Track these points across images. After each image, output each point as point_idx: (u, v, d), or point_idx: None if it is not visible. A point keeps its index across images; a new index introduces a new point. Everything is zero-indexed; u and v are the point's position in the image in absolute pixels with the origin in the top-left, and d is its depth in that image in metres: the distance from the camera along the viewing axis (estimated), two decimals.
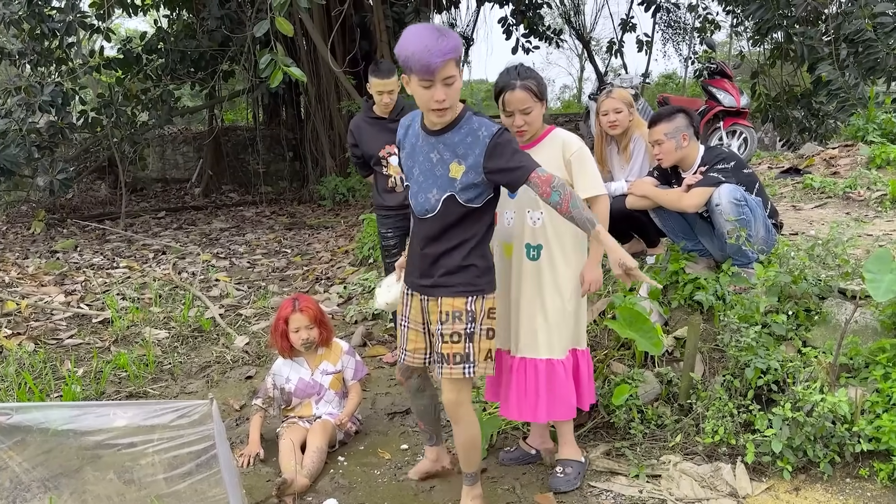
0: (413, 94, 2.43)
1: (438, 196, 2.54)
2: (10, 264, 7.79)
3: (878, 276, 2.59)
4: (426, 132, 2.54)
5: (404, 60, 2.34)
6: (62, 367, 4.58)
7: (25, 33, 9.85)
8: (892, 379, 2.66)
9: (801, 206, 5.06)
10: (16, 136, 9.36)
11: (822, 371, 2.77)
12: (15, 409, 2.86)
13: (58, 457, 2.89)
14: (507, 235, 2.93)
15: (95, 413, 2.91)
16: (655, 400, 3.31)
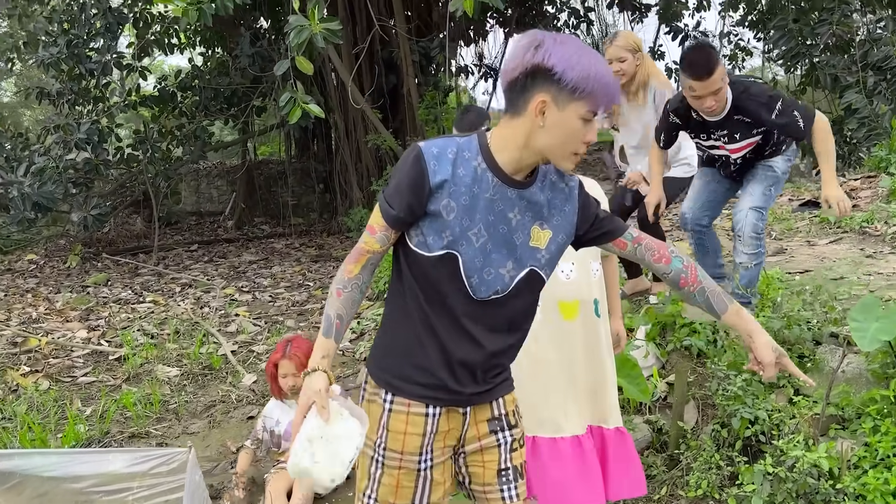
0: (550, 128, 1.68)
1: (515, 272, 1.83)
2: (42, 299, 7.98)
3: (863, 324, 2.48)
4: (504, 182, 1.78)
5: (581, 79, 1.64)
6: (72, 407, 4.65)
7: (65, 74, 10.18)
8: (881, 432, 2.54)
9: (816, 242, 4.92)
10: (52, 173, 9.64)
11: (805, 424, 2.65)
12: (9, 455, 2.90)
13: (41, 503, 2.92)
14: (567, 293, 2.48)
15: (79, 461, 2.94)
16: (647, 448, 3.21)
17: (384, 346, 1.93)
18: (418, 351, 1.84)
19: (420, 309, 1.82)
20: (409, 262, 1.82)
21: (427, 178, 1.73)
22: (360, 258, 1.84)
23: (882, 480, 2.38)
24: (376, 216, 1.81)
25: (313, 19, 5.62)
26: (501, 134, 1.75)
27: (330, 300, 1.82)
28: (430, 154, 1.75)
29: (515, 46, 1.72)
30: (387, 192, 1.80)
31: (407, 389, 1.87)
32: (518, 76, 1.68)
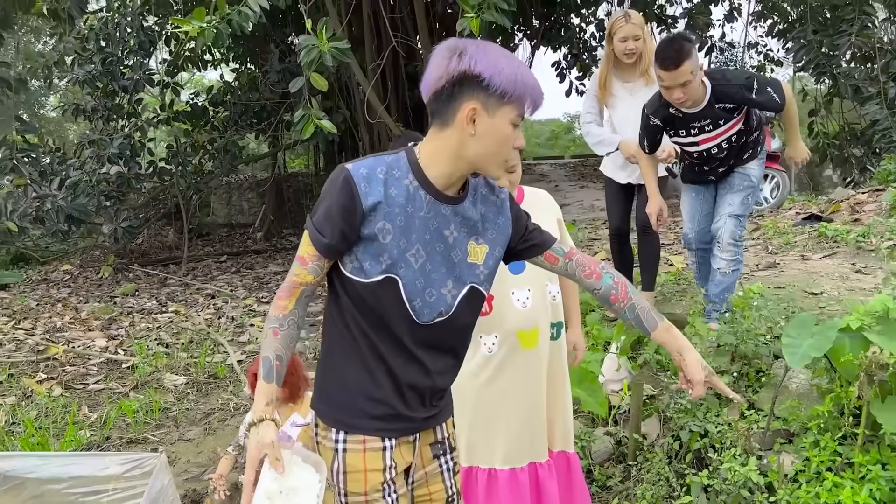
0: (482, 136, 1.65)
1: (457, 291, 1.79)
2: (70, 308, 8.31)
3: (797, 340, 2.51)
4: (437, 198, 1.73)
5: (509, 84, 1.62)
6: (79, 413, 4.86)
7: (99, 91, 10.57)
8: (820, 447, 2.56)
9: (810, 257, 4.91)
10: (86, 186, 10.01)
11: (742, 437, 2.68)
12: None
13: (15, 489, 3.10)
14: (525, 321, 2.40)
15: (57, 463, 3.12)
16: (608, 459, 3.27)
17: (332, 382, 1.81)
18: (369, 382, 1.76)
19: (364, 337, 1.74)
20: (346, 290, 1.74)
21: (359, 202, 1.66)
22: (293, 292, 1.74)
23: (813, 494, 2.41)
24: (306, 245, 1.72)
25: (321, 38, 5.79)
26: (431, 147, 1.71)
27: (267, 341, 1.72)
28: (359, 176, 1.67)
29: (437, 55, 1.68)
30: (315, 218, 1.70)
31: (362, 425, 1.77)
32: (444, 85, 1.64)
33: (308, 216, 1.73)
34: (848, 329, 2.50)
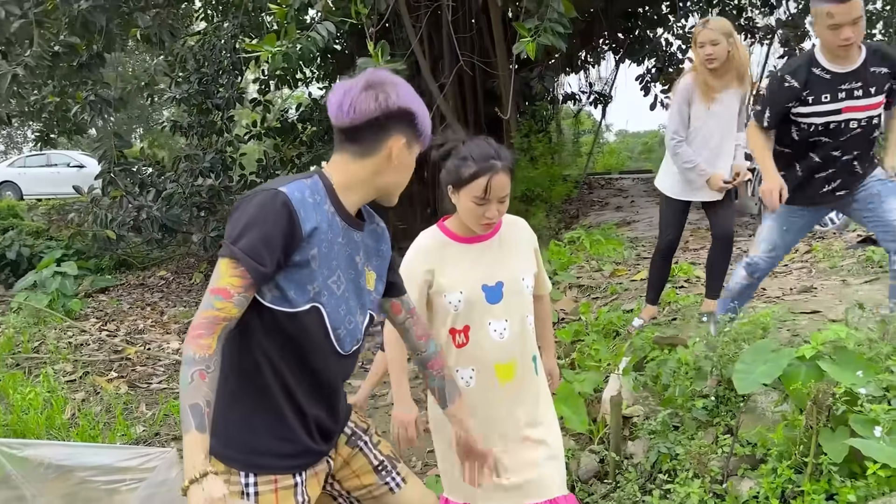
0: (399, 167, 1.74)
1: (362, 318, 1.82)
2: (157, 312, 8.94)
3: (750, 366, 2.52)
4: (350, 225, 1.76)
5: (425, 121, 1.76)
6: (137, 410, 5.29)
7: (194, 108, 11.29)
8: (776, 474, 2.56)
9: (851, 282, 4.77)
10: (180, 198, 10.73)
11: (695, 461, 2.70)
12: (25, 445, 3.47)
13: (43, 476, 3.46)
14: (502, 353, 2.26)
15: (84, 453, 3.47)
16: (593, 476, 3.33)
17: (235, 423, 1.71)
18: (277, 421, 1.71)
19: (274, 372, 1.69)
20: (262, 321, 1.65)
21: (299, 228, 1.61)
22: (216, 329, 1.53)
23: None
24: (228, 277, 1.56)
25: (377, 59, 6.07)
26: (347, 174, 1.72)
27: (193, 386, 1.46)
28: (296, 200, 1.61)
29: (356, 89, 1.69)
30: (247, 246, 1.56)
31: (273, 465, 1.71)
32: (378, 118, 1.67)
33: (227, 245, 1.59)
34: (804, 358, 2.50)
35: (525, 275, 2.31)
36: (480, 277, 2.25)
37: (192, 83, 11.02)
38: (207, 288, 1.57)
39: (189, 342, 1.52)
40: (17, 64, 7.98)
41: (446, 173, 2.16)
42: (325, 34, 6.43)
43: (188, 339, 1.52)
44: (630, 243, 7.37)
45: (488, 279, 2.26)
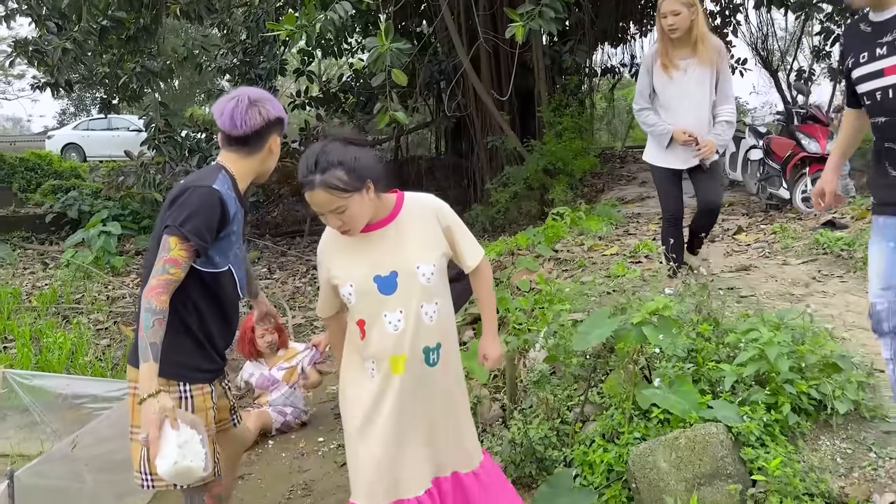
0: (274, 155, 2.56)
1: (242, 271, 2.69)
2: None
3: (589, 329, 3.10)
4: (243, 206, 2.56)
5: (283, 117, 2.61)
6: None
7: (239, 78, 12.14)
8: (611, 419, 3.15)
9: (791, 262, 5.23)
10: None
11: (543, 406, 3.32)
12: (33, 376, 4.35)
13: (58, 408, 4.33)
14: (396, 345, 2.30)
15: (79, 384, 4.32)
16: (500, 420, 3.98)
17: (175, 350, 2.30)
18: (200, 347, 2.44)
19: (199, 314, 2.41)
20: (193, 280, 2.35)
21: (227, 214, 2.37)
22: (169, 288, 2.22)
23: (581, 452, 3.03)
24: (178, 251, 2.25)
25: (382, 40, 6.70)
26: (240, 169, 2.49)
27: (152, 330, 2.15)
28: (224, 194, 2.37)
29: (246, 108, 2.42)
30: (193, 229, 2.26)
31: (200, 377, 2.44)
32: (263, 126, 2.45)
33: (176, 227, 2.25)
34: (634, 323, 3.08)
35: (421, 262, 2.30)
36: (371, 268, 2.29)
37: (237, 53, 11.86)
38: (159, 258, 2.25)
39: (151, 297, 2.20)
40: (66, 38, 8.93)
41: None
42: (343, 14, 7.08)
43: (150, 294, 2.20)
44: (626, 219, 7.85)
45: (381, 269, 2.29)
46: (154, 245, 2.37)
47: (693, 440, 2.65)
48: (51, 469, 3.09)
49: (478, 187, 13.28)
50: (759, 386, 2.85)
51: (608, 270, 5.35)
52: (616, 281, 5.31)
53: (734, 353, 2.98)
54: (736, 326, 3.10)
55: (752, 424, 2.66)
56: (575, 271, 6.05)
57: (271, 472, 4.08)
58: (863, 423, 2.82)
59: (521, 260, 6.12)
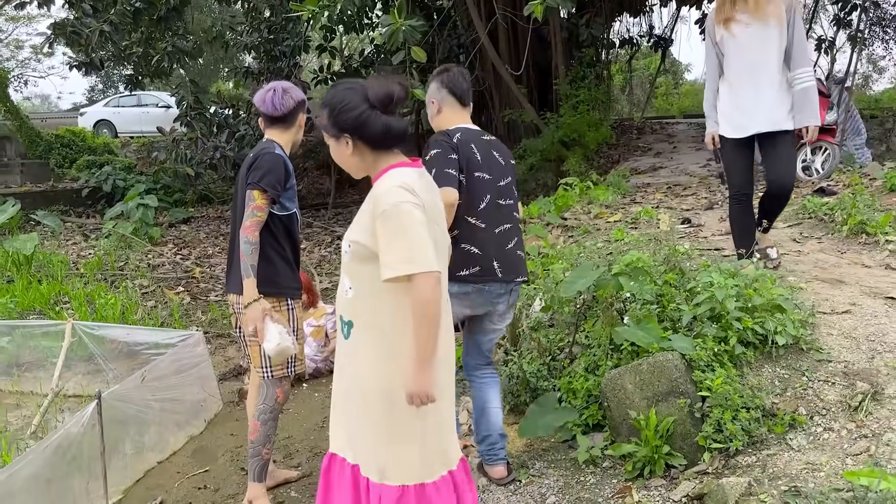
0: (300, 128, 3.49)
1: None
2: (227, 241, 10.61)
3: (574, 279, 3.73)
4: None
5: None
6: (194, 315, 6.90)
7: (264, 55, 12.78)
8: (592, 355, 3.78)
9: (777, 226, 5.80)
10: (251, 139, 12.32)
11: (535, 343, 3.96)
12: (98, 327, 5.06)
13: (118, 356, 5.05)
14: (340, 309, 2.39)
15: (138, 334, 5.04)
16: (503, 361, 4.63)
17: (277, 274, 3.31)
18: (290, 270, 3.38)
19: (280, 245, 3.32)
20: (273, 220, 3.27)
21: (289, 171, 3.35)
22: (258, 226, 3.17)
23: (567, 382, 3.67)
24: (261, 199, 3.16)
25: (395, 18, 7.27)
26: (284, 141, 3.45)
27: (250, 256, 3.09)
28: (285, 156, 3.36)
29: (281, 95, 3.39)
30: (268, 183, 3.17)
31: (295, 293, 3.41)
32: (294, 107, 3.43)
33: (256, 183, 3.16)
34: (613, 274, 3.70)
35: (349, 238, 2.29)
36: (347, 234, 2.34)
37: (262, 31, 12.49)
38: (248, 206, 3.16)
39: (248, 233, 3.13)
40: (103, 21, 9.62)
41: None
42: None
43: (246, 232, 3.12)
44: (634, 189, 8.42)
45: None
46: (240, 199, 3.32)
47: (653, 365, 3.28)
48: (127, 395, 3.79)
49: None
50: (712, 322, 3.47)
51: (609, 235, 5.95)
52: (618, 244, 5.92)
53: (693, 297, 3.60)
54: (697, 275, 3.72)
55: (702, 353, 3.29)
56: (580, 237, 6.67)
57: (306, 407, 4.78)
58: (801, 355, 3.43)
59: (531, 227, 6.74)
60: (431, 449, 2.34)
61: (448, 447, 2.41)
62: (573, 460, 3.42)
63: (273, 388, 3.40)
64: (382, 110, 2.26)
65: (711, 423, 3.12)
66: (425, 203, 2.24)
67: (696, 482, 2.99)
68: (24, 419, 4.76)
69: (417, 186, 2.24)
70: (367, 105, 2.26)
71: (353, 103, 2.26)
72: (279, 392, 3.41)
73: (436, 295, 2.15)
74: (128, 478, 3.81)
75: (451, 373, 2.44)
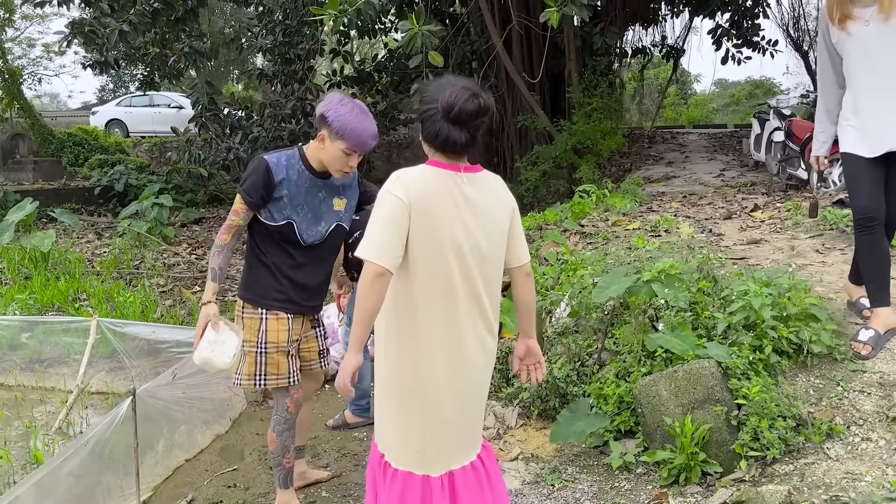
0: (326, 151, 2.99)
1: (327, 226, 3.18)
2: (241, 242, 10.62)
3: (606, 285, 3.73)
4: (315, 176, 3.12)
5: (340, 128, 2.91)
6: None
7: (278, 58, 12.79)
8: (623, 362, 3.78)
9: (800, 237, 5.80)
10: (264, 141, 12.33)
11: (565, 349, 3.96)
12: (122, 324, 5.07)
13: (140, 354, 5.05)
14: None
15: (163, 331, 5.04)
16: None
17: (253, 281, 3.17)
18: (272, 280, 3.13)
19: (268, 255, 3.13)
20: (260, 228, 3.11)
21: (272, 178, 3.04)
22: (231, 231, 3.06)
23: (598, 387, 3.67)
24: (239, 204, 3.04)
25: (413, 23, 7.28)
26: (309, 149, 3.15)
27: (214, 258, 3.05)
28: (272, 162, 3.07)
29: (322, 101, 3.08)
30: (245, 188, 3.02)
31: (272, 304, 3.14)
32: (318, 116, 3.05)
33: (238, 186, 3.08)
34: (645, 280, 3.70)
35: None
36: None
37: (276, 34, 12.50)
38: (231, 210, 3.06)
39: (218, 236, 3.07)
40: (123, 21, 9.64)
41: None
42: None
43: (218, 235, 3.06)
44: (650, 197, 8.43)
45: None
46: None
47: (689, 372, 3.28)
48: (159, 391, 3.79)
49: (507, 165, 13.87)
50: (747, 331, 3.47)
51: (629, 243, 5.96)
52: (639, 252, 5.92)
53: (728, 305, 3.60)
54: (731, 283, 3.72)
55: (738, 361, 3.29)
56: (599, 244, 6.67)
57: (329, 408, 4.78)
58: (834, 364, 3.43)
59: (548, 234, 6.75)
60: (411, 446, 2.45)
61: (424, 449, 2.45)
62: (605, 466, 3.42)
63: (283, 399, 3.29)
64: (444, 116, 2.29)
65: (748, 430, 3.11)
66: (414, 202, 2.26)
67: (733, 489, 2.99)
68: (48, 415, 4.76)
69: (415, 184, 2.30)
70: (435, 106, 2.31)
71: (429, 98, 2.34)
72: (289, 402, 3.29)
73: (370, 287, 2.21)
74: (157, 475, 3.81)
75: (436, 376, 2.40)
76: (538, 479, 3.43)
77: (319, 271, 3.28)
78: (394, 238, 2.24)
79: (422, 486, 2.42)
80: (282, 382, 3.21)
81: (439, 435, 2.45)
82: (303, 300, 3.21)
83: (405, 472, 2.43)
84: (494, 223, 2.47)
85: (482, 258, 2.43)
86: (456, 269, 2.37)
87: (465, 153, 2.38)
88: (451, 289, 2.37)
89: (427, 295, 2.35)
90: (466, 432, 2.53)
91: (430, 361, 2.39)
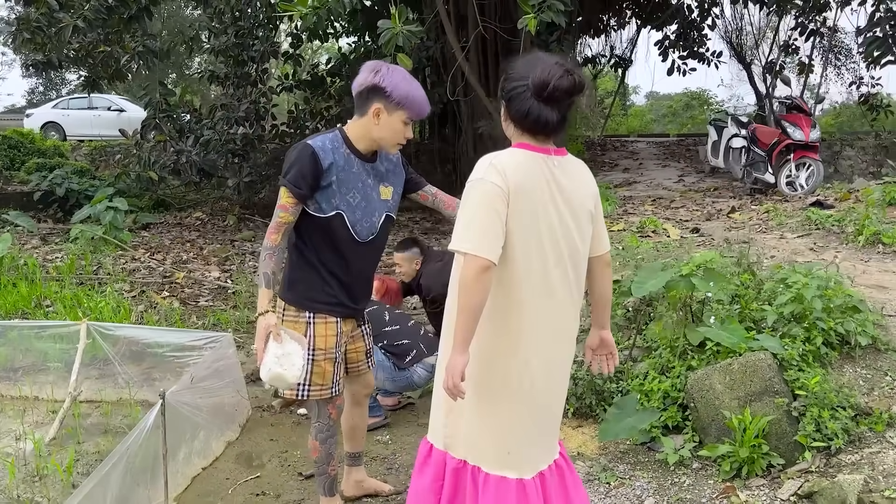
0: (382, 126, 2.66)
1: (378, 218, 2.82)
2: (196, 247, 10.23)
3: (644, 280, 3.67)
4: (362, 160, 2.76)
5: (402, 97, 2.61)
6: (189, 320, 6.58)
7: (231, 59, 12.41)
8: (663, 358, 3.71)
9: (787, 236, 5.88)
10: (217, 144, 11.94)
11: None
12: (115, 328, 4.75)
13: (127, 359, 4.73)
14: None
15: (158, 334, 4.75)
16: None
17: (300, 282, 2.81)
18: (322, 281, 2.79)
19: (317, 253, 2.77)
20: (308, 222, 2.73)
21: (320, 164, 2.66)
22: (280, 230, 2.67)
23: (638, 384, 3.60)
24: (286, 198, 2.66)
25: (395, 22, 7.13)
26: (353, 130, 2.76)
27: (264, 262, 2.64)
28: (317, 147, 2.67)
29: (362, 71, 2.69)
30: (291, 179, 2.65)
31: (321, 308, 2.81)
32: (363, 90, 2.67)
33: (282, 179, 2.68)
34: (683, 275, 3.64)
35: None
36: None
37: (229, 35, 12.14)
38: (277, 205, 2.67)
39: (267, 237, 2.68)
40: (77, 17, 9.20)
41: None
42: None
43: (266, 235, 2.68)
44: (622, 201, 8.47)
45: None
46: None
47: (745, 365, 3.23)
48: (181, 396, 3.53)
49: (461, 173, 13.80)
50: (794, 323, 3.45)
51: (621, 243, 5.93)
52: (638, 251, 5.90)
53: (772, 297, 3.57)
54: (772, 276, 3.70)
55: (793, 352, 3.26)
56: None
57: None
58: (879, 355, 3.45)
59: None
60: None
61: (517, 449, 2.33)
62: (658, 462, 3.34)
63: (324, 406, 3.01)
64: (536, 95, 2.15)
65: (810, 421, 3.08)
66: (513, 188, 2.14)
67: (801, 481, 2.95)
68: (36, 426, 4.41)
69: (512, 169, 2.16)
70: (525, 83, 2.17)
71: (517, 75, 2.20)
72: (331, 409, 3.03)
73: (475, 283, 2.09)
74: (178, 485, 3.55)
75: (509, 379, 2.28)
76: (590, 477, 3.33)
77: (369, 269, 3.01)
78: (496, 227, 2.12)
79: (517, 492, 2.30)
80: (325, 394, 2.94)
81: (533, 434, 2.35)
82: (352, 302, 2.94)
83: (497, 477, 2.30)
84: (584, 210, 2.35)
85: (573, 247, 2.30)
86: (552, 259, 2.25)
87: (554, 135, 2.24)
88: (548, 280, 2.25)
89: (523, 288, 2.23)
90: (552, 430, 2.44)
91: (524, 359, 2.27)
